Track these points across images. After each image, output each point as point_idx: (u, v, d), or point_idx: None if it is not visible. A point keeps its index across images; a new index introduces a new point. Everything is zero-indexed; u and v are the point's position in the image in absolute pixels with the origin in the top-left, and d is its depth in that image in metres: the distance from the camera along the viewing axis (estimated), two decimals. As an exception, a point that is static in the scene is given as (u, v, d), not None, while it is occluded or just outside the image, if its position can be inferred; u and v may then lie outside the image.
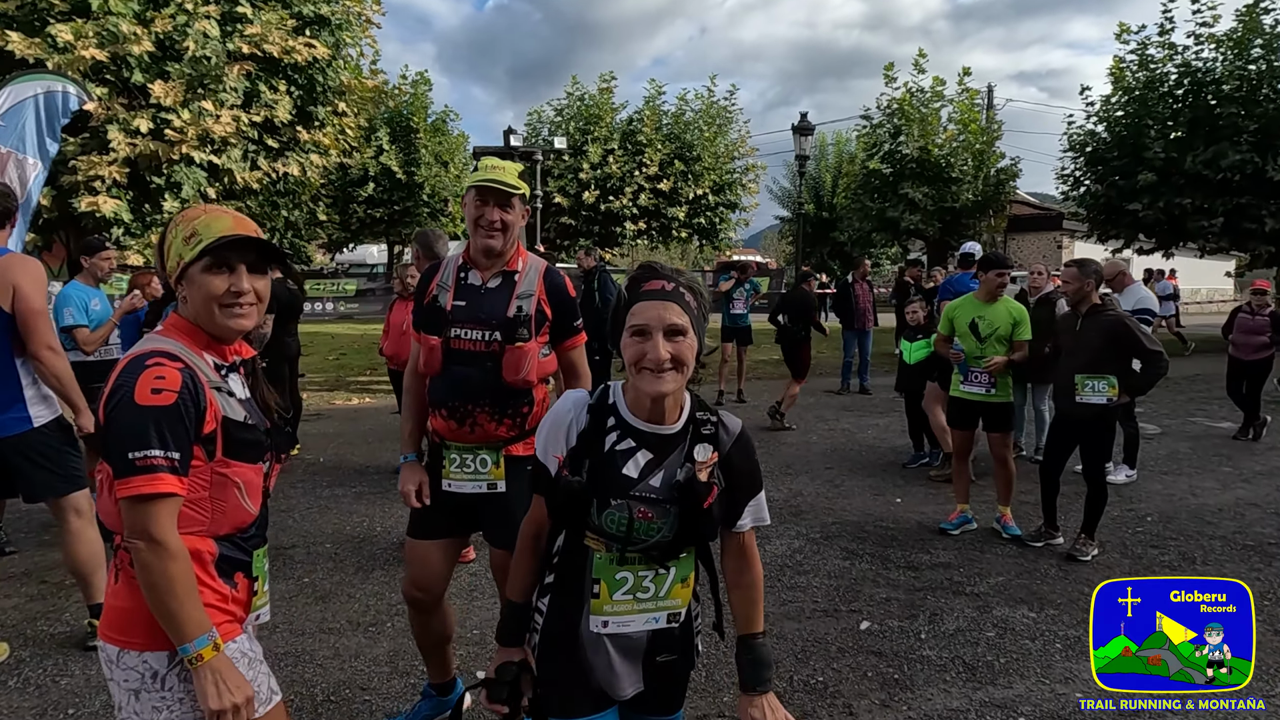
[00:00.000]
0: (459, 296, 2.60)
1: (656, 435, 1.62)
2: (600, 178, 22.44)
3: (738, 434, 1.69)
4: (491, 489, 2.63)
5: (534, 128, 24.50)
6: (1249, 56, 18.43)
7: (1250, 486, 6.60)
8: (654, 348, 1.50)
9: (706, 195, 23.68)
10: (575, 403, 1.67)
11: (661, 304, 1.53)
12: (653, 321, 1.52)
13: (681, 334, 1.53)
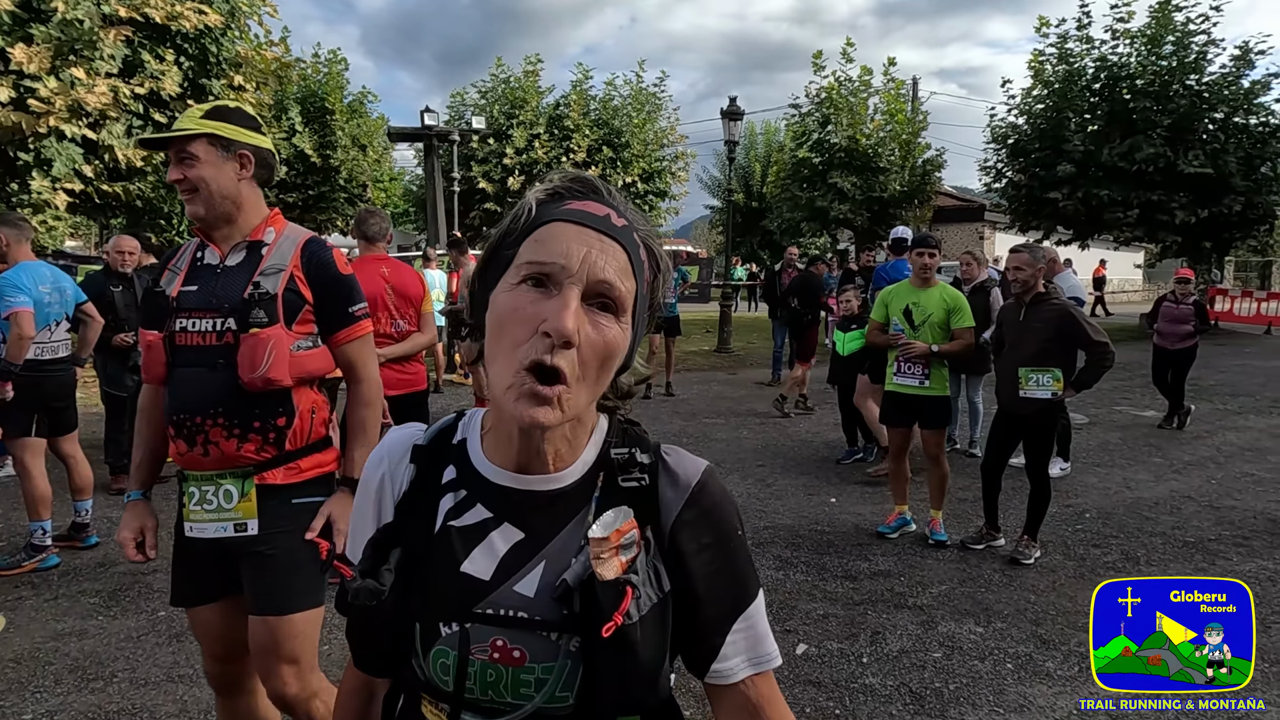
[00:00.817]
0: (190, 280, 1.99)
1: (531, 496, 0.88)
2: (526, 163, 21.70)
3: (694, 486, 0.90)
4: (240, 531, 1.95)
5: (457, 110, 23.58)
6: (1161, 53, 18.92)
7: (1182, 478, 6.49)
8: (555, 313, 0.76)
9: (636, 183, 23.17)
10: (392, 448, 0.97)
11: (594, 235, 0.81)
12: (565, 260, 0.79)
13: (612, 307, 0.81)
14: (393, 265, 4.37)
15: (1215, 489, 6.17)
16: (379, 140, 24.63)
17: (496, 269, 0.85)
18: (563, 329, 0.75)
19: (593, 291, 0.79)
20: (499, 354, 0.80)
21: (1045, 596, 4.15)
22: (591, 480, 0.90)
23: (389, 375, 4.15)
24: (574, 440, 0.90)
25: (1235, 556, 4.70)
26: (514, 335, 0.78)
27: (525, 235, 0.83)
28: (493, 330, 0.82)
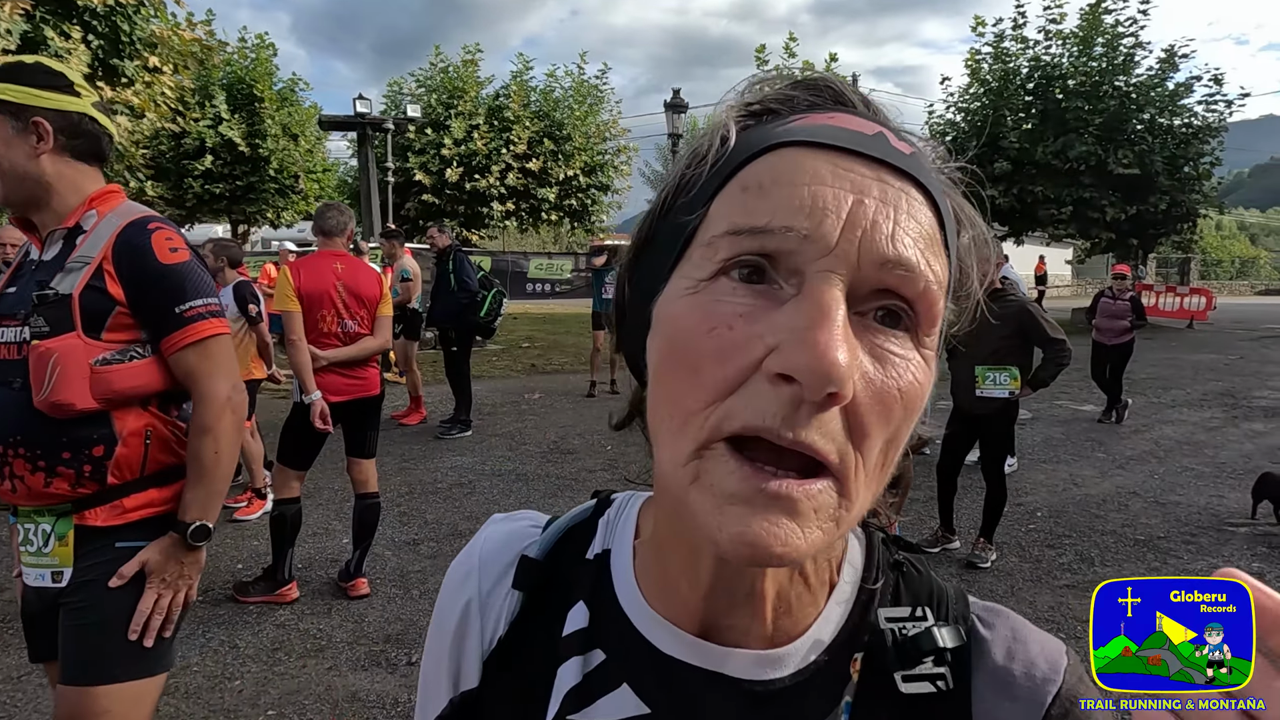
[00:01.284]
0: (13, 279, 1.65)
1: (725, 684, 0.49)
2: (465, 155, 21.16)
3: (1050, 701, 0.48)
4: (57, 580, 1.58)
5: (394, 99, 22.88)
6: (1092, 54, 19.41)
7: (1126, 473, 6.52)
8: (801, 334, 0.38)
9: (577, 176, 22.84)
10: (487, 555, 0.61)
11: (873, 173, 0.42)
12: (812, 220, 0.40)
13: (909, 317, 0.42)
14: (349, 263, 4.06)
15: (1159, 484, 6.20)
16: (311, 130, 23.76)
17: (658, 255, 0.47)
18: (826, 365, 0.37)
19: (872, 286, 0.40)
20: (672, 418, 0.42)
21: (1004, 601, 4.01)
22: (838, 668, 0.49)
23: (334, 380, 3.87)
24: (813, 586, 0.51)
25: (1186, 555, 4.68)
26: (706, 383, 0.40)
27: (720, 182, 0.44)
28: (661, 367, 0.43)
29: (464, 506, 5.45)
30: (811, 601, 0.50)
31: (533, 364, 12.55)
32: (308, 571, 4.24)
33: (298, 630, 3.63)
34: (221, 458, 1.61)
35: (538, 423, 8.25)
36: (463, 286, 7.33)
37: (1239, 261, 60.38)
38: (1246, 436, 7.93)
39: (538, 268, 22.88)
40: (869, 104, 0.48)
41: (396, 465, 6.45)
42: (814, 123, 0.44)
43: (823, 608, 0.51)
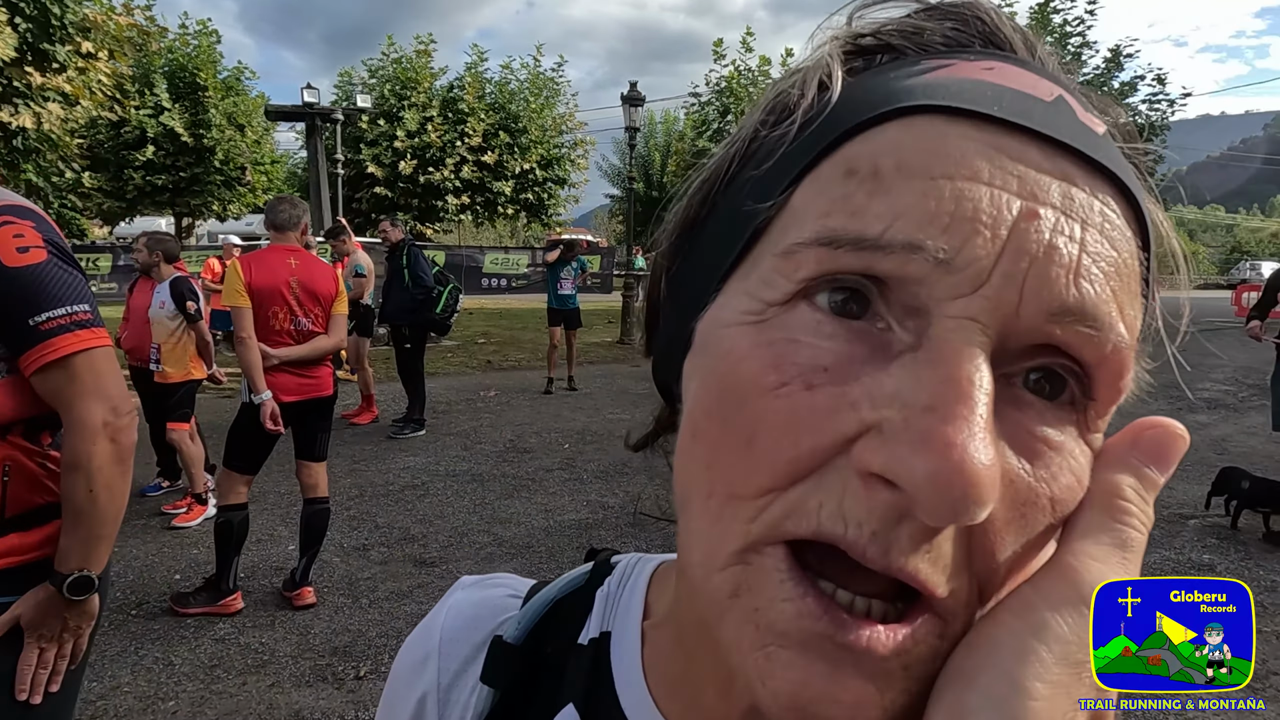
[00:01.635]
0: None
1: None
2: (418, 147, 20.80)
3: None
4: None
5: (345, 90, 22.39)
6: (1041, 52, 19.79)
7: (1079, 466, 6.61)
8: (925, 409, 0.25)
9: (534, 170, 22.62)
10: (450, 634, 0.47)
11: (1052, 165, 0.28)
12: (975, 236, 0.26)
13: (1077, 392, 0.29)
14: (304, 258, 3.90)
15: (1110, 476, 6.28)
16: (258, 120, 23.13)
17: (712, 251, 0.34)
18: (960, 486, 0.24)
19: (1034, 341, 0.27)
20: (714, 491, 0.30)
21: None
22: None
23: (285, 379, 3.73)
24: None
25: (1139, 547, 4.73)
26: (770, 457, 0.28)
27: (810, 156, 0.31)
28: (703, 422, 0.31)
29: (417, 509, 5.29)
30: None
31: (488, 360, 12.35)
32: (250, 581, 4.05)
33: (238, 644, 3.46)
34: (98, 496, 1.35)
35: (493, 421, 8.09)
36: (417, 282, 7.14)
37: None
38: (1192, 428, 7.83)
39: (493, 262, 22.61)
40: (1035, 49, 0.34)
41: (346, 466, 6.26)
42: (962, 74, 0.30)
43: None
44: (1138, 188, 0.30)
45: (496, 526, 4.97)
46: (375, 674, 3.23)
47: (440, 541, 4.70)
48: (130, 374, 5.56)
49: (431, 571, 4.27)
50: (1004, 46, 0.33)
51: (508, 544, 4.68)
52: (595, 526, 4.99)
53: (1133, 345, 0.29)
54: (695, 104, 22.42)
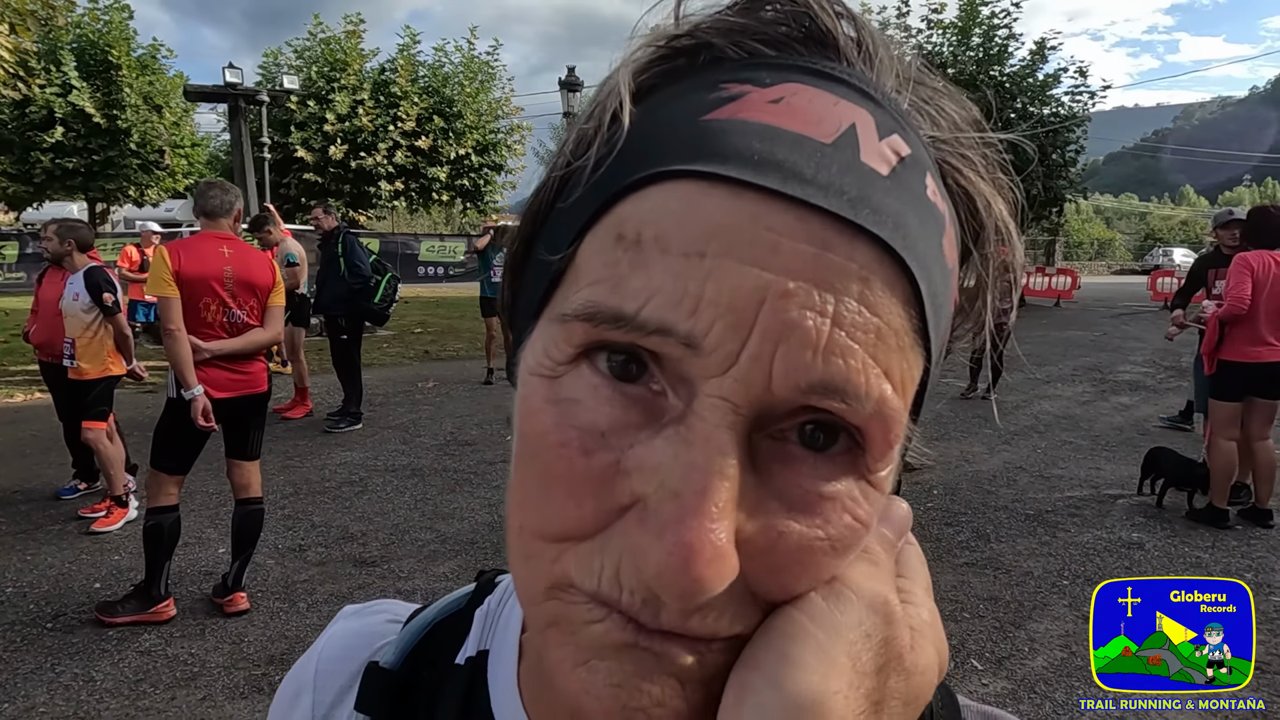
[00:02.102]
0: None
1: None
2: (349, 131, 20.17)
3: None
4: None
5: (270, 71, 21.51)
6: (970, 44, 20.25)
7: (1012, 449, 6.80)
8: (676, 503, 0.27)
9: (469, 155, 22.18)
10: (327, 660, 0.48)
11: (807, 236, 0.27)
12: (723, 319, 0.27)
13: (848, 441, 0.29)
14: (237, 247, 3.69)
15: (1042, 458, 6.48)
16: (177, 101, 22.10)
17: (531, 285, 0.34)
18: (685, 579, 0.26)
19: (790, 407, 0.28)
20: (522, 531, 0.31)
21: (909, 583, 4.08)
22: None
23: (217, 374, 3.55)
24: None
25: (1073, 527, 4.88)
26: (560, 512, 0.29)
27: (593, 209, 0.30)
28: (516, 459, 0.32)
29: (355, 507, 5.12)
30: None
31: (426, 350, 12.10)
32: (177, 588, 3.85)
33: (165, 656, 3.28)
34: None
35: (433, 413, 7.91)
36: (354, 271, 6.91)
37: (1097, 243, 65.16)
38: (1116, 410, 8.43)
39: (430, 250, 22.14)
40: (859, 42, 0.32)
41: (280, 463, 6.02)
42: (744, 114, 0.29)
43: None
44: (928, 224, 0.30)
45: (439, 523, 4.84)
46: (315, 682, 3.10)
47: (381, 540, 4.56)
48: (41, 370, 5.24)
49: (373, 572, 4.13)
50: (825, 45, 0.32)
51: (451, 540, 4.57)
52: (541, 520, 4.91)
53: (903, 403, 0.29)
54: (633, 90, 22.32)
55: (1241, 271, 4.75)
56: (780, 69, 0.31)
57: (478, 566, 4.27)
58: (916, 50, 0.34)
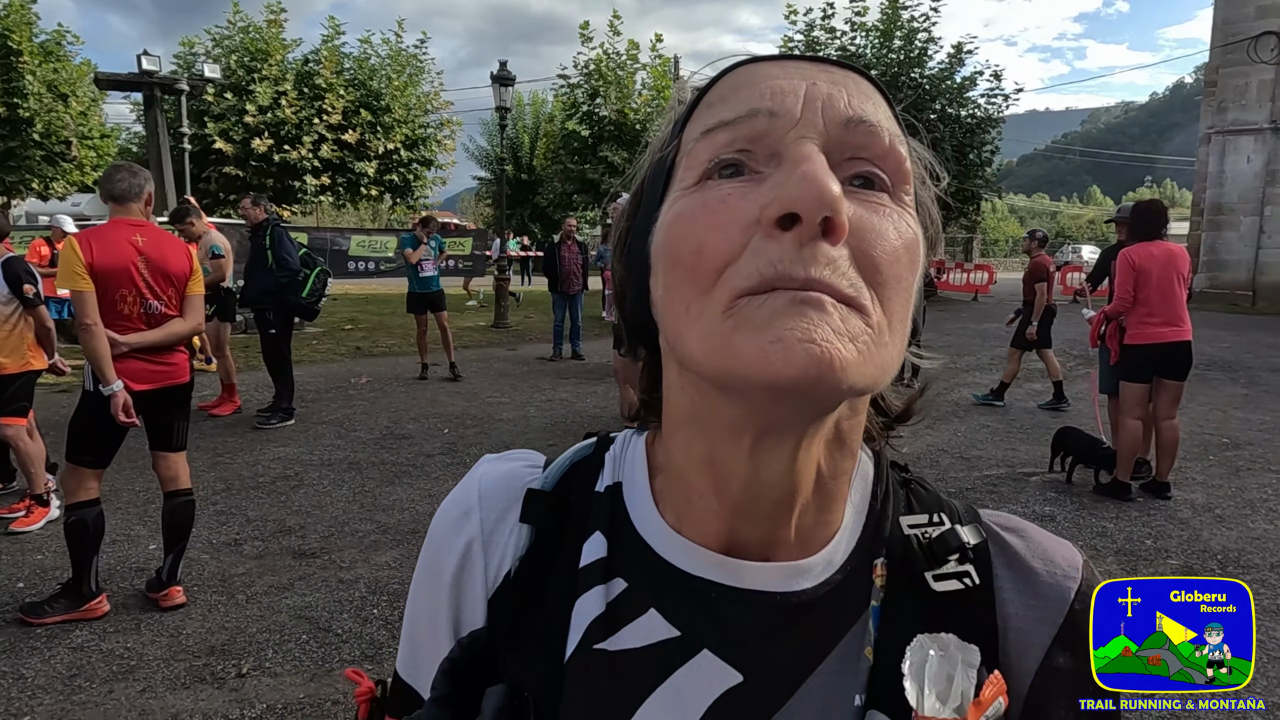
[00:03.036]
0: None
1: (756, 600, 0.48)
2: (272, 123, 19.58)
3: (1074, 595, 0.51)
4: None
5: (186, 60, 20.69)
6: (891, 46, 20.88)
7: (935, 433, 7.11)
8: (790, 179, 0.39)
9: (398, 150, 21.77)
10: (487, 490, 0.57)
11: (818, 67, 0.46)
12: (775, 102, 0.43)
13: (882, 181, 0.44)
14: (152, 234, 3.56)
15: (962, 441, 6.81)
16: (85, 90, 21.08)
17: (649, 192, 0.49)
18: (818, 189, 0.38)
19: (844, 151, 0.43)
20: (686, 304, 0.42)
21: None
22: (863, 574, 0.49)
23: (137, 366, 3.43)
24: (832, 496, 0.49)
25: (990, 503, 5.16)
26: (710, 257, 0.41)
27: (687, 112, 0.48)
28: (667, 261, 0.44)
29: (291, 501, 5.05)
30: (831, 511, 0.50)
31: (357, 347, 11.89)
32: (108, 585, 3.75)
33: (100, 651, 3.21)
34: None
35: (367, 408, 7.81)
36: (282, 264, 6.77)
37: (1011, 240, 67.96)
38: (1029, 395, 8.89)
39: (360, 245, 21.66)
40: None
41: (210, 460, 5.88)
42: (766, 59, 0.47)
43: (842, 519, 0.51)
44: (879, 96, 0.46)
45: (379, 514, 4.82)
46: (260, 670, 3.08)
47: (320, 532, 4.52)
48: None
49: (313, 563, 4.10)
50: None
51: (392, 531, 4.56)
52: (482, 509, 4.93)
53: (904, 144, 0.45)
54: (564, 86, 22.24)
55: (1125, 269, 5.11)
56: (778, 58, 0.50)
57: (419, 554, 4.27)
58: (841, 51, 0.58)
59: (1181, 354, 5.18)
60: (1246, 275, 20.91)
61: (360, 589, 3.81)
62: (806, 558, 0.48)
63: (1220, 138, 20.97)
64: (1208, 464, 6.14)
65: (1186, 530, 4.72)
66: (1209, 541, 4.53)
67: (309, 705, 2.87)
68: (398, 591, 3.78)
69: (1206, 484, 5.63)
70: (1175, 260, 5.16)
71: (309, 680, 3.03)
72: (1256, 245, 20.67)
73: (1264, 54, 20.03)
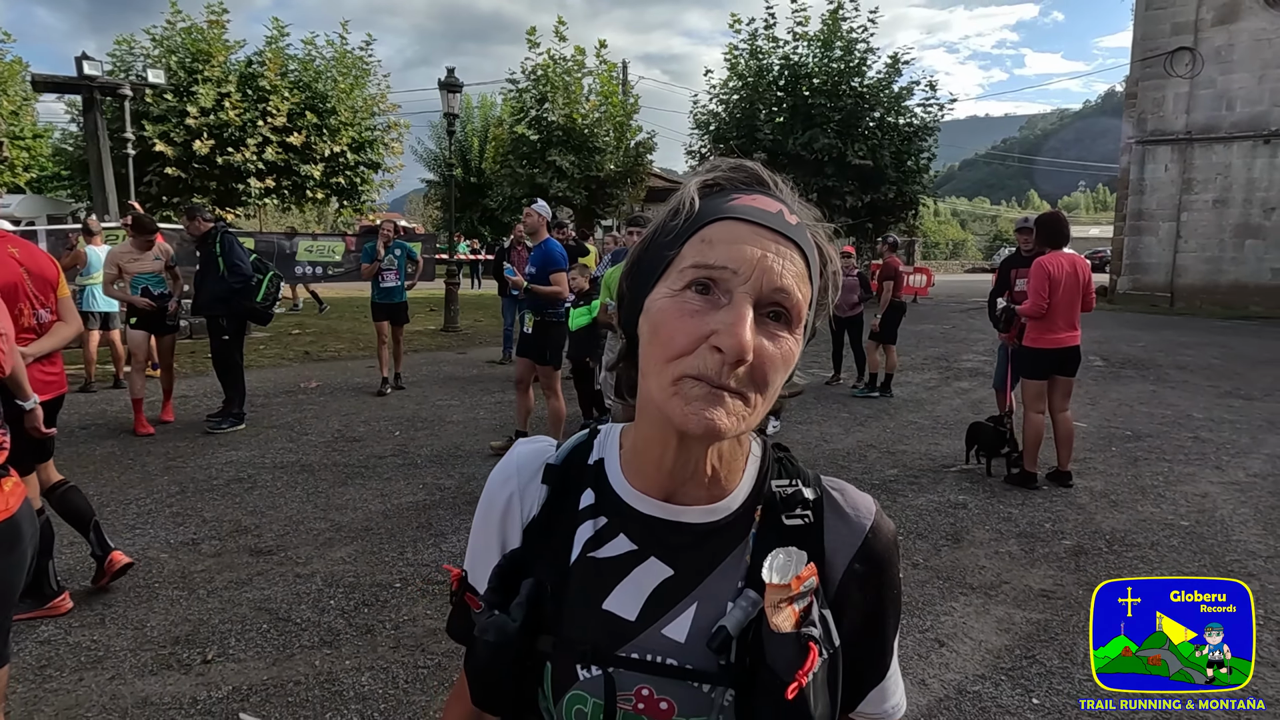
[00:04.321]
0: None
1: (681, 529, 0.80)
2: (215, 125, 19.32)
3: (869, 530, 0.81)
4: None
5: (123, 59, 20.27)
6: (832, 56, 21.51)
7: (865, 430, 7.54)
8: (728, 326, 0.68)
9: (345, 153, 21.64)
10: (522, 464, 0.88)
11: (771, 238, 0.72)
12: (738, 265, 0.70)
13: (787, 317, 0.72)
14: (22, 246, 3.63)
15: (890, 436, 7.24)
16: (15, 89, 20.58)
17: (650, 268, 0.76)
18: (740, 345, 0.66)
19: (767, 301, 0.70)
20: (657, 363, 0.71)
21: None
22: (748, 515, 0.81)
23: (36, 377, 3.44)
24: (732, 465, 0.82)
25: (910, 493, 5.57)
26: (677, 344, 0.70)
27: (688, 234, 0.74)
28: (649, 336, 0.73)
29: (246, 502, 5.20)
30: (731, 476, 0.82)
31: (306, 351, 11.92)
32: (69, 583, 3.89)
33: (67, 644, 3.37)
34: None
35: (318, 412, 7.94)
36: (234, 270, 6.86)
37: (952, 244, 69.82)
38: (956, 394, 9.39)
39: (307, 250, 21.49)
40: (778, 184, 0.79)
41: (163, 464, 5.98)
42: (743, 203, 0.74)
43: (739, 481, 0.82)
44: (807, 244, 0.75)
45: (333, 513, 5.01)
46: (224, 657, 3.28)
47: (275, 531, 4.70)
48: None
49: (270, 559, 4.29)
50: (765, 184, 0.79)
51: (346, 529, 4.76)
52: (434, 507, 5.16)
53: (806, 300, 0.73)
54: (513, 90, 22.38)
55: (1040, 277, 5.57)
56: (751, 190, 0.76)
57: (375, 551, 4.49)
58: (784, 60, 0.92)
59: (1075, 356, 5.70)
60: (1165, 278, 22.07)
61: (317, 582, 4.02)
62: (715, 503, 0.80)
63: (1140, 147, 22.09)
64: (1110, 455, 6.67)
65: (1083, 514, 5.19)
66: (1101, 524, 5.00)
67: (273, 686, 3.09)
68: (353, 584, 4.00)
69: (1106, 473, 6.14)
70: (1078, 271, 5.64)
71: (271, 664, 3.25)
72: (1174, 250, 21.83)
73: (1179, 68, 21.18)
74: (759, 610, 0.74)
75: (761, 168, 0.79)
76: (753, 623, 0.74)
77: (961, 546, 4.62)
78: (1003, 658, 3.41)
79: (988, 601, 3.94)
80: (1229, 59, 20.76)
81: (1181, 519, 5.11)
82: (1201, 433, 7.47)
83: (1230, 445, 7.02)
